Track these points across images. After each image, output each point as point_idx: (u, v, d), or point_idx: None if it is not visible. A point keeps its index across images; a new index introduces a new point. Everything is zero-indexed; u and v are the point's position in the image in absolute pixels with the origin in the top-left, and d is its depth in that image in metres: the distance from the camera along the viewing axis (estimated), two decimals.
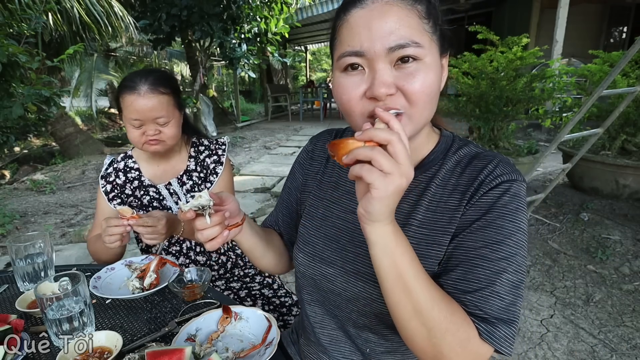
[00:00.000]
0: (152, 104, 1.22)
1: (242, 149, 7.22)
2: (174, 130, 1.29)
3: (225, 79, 17.57)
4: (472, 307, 0.60)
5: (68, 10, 5.07)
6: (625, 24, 8.36)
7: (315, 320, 0.84)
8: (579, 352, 1.89)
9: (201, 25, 6.34)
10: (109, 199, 1.37)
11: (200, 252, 1.43)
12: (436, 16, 0.62)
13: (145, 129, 1.24)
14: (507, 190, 0.63)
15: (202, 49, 7.68)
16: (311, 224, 0.83)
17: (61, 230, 3.68)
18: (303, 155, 0.93)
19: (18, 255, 1.07)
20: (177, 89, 1.31)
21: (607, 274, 2.52)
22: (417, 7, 0.60)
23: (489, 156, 0.68)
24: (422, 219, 0.69)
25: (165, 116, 1.25)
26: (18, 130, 3.40)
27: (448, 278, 0.63)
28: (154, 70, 1.27)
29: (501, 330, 0.59)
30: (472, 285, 0.61)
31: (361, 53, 0.59)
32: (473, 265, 0.62)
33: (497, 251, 0.61)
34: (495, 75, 3.62)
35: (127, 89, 1.22)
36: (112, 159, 1.43)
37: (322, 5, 8.81)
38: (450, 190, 0.68)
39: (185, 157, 1.43)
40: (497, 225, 0.62)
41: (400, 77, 0.59)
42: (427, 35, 0.60)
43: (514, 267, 0.61)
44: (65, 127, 7.40)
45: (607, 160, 3.48)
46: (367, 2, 0.59)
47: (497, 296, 0.60)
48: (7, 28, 3.04)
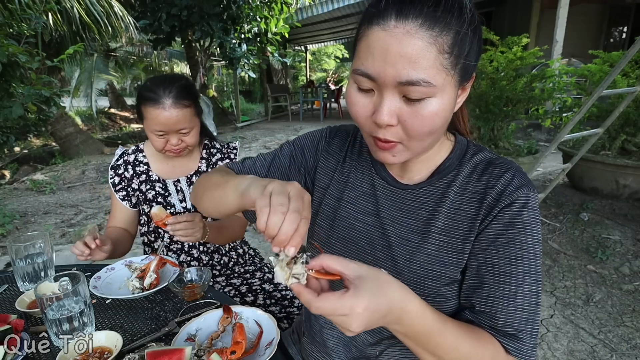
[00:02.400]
0: (176, 117, 1.23)
1: (242, 149, 7.22)
2: (195, 138, 1.33)
3: (225, 79, 17.57)
4: (502, 325, 0.64)
5: (68, 10, 5.07)
6: (625, 24, 8.35)
7: (325, 322, 0.83)
8: (579, 352, 1.89)
9: (201, 25, 6.34)
10: (115, 191, 1.39)
11: (204, 251, 1.44)
12: (462, 48, 0.57)
13: (168, 138, 1.27)
14: (526, 204, 0.65)
15: (202, 49, 7.68)
16: (328, 225, 0.82)
17: (61, 230, 3.68)
18: (321, 142, 0.88)
19: (18, 255, 1.07)
20: (197, 97, 1.33)
21: (607, 274, 2.52)
22: (441, 39, 0.55)
23: (505, 164, 0.69)
24: (442, 226, 0.70)
25: (189, 127, 1.28)
26: (18, 130, 3.40)
27: (478, 296, 0.66)
28: (174, 79, 1.27)
29: (527, 343, 0.63)
30: (500, 302, 0.64)
31: (373, 77, 0.58)
32: (499, 282, 0.65)
33: (519, 266, 0.64)
34: (495, 75, 3.62)
35: (151, 101, 1.22)
36: (124, 151, 1.44)
37: (322, 5, 8.79)
38: (469, 198, 0.69)
39: (197, 157, 1.44)
40: (519, 241, 0.64)
41: (405, 111, 0.59)
42: (443, 73, 0.57)
43: (534, 277, 0.64)
44: (65, 127, 7.41)
45: (607, 160, 3.48)
46: (389, 24, 0.55)
47: (521, 309, 0.64)
48: (7, 28, 3.04)
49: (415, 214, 0.73)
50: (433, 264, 0.69)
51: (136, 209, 1.43)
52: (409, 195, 0.74)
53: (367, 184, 0.79)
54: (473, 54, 0.60)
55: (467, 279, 0.68)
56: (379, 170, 0.78)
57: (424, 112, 0.58)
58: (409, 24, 0.54)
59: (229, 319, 0.91)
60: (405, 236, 0.72)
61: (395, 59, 0.55)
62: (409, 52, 0.55)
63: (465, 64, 0.59)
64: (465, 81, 0.63)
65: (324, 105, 10.90)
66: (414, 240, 0.71)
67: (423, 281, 0.69)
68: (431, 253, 0.70)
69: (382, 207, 0.76)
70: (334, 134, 0.88)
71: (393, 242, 0.73)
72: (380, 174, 0.78)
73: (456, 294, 0.70)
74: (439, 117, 0.59)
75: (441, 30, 0.55)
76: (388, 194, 0.76)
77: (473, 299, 0.67)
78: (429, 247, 0.70)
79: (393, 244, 0.73)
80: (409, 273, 0.70)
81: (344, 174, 0.83)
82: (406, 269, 0.71)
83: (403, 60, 0.55)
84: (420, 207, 0.73)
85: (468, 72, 0.62)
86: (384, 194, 0.77)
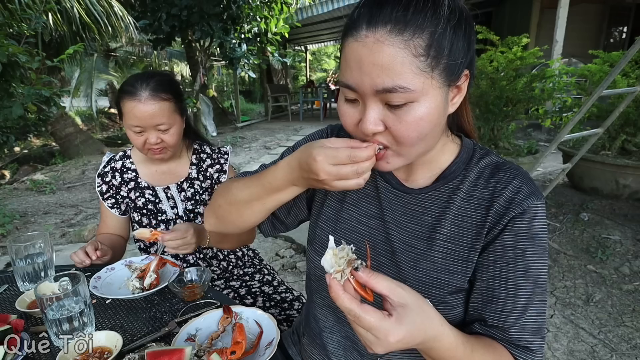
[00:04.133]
0: (152, 110, 1.18)
1: (242, 149, 7.22)
2: (176, 137, 1.27)
3: (225, 79, 17.56)
4: (515, 338, 0.65)
5: (68, 10, 5.06)
6: (625, 24, 8.35)
7: (325, 325, 0.83)
8: (579, 352, 1.89)
9: (201, 25, 6.33)
10: (104, 199, 1.37)
11: (200, 257, 1.42)
12: (440, 47, 0.55)
13: (147, 135, 1.22)
14: (535, 214, 0.65)
15: (202, 49, 7.67)
16: (330, 227, 0.80)
17: (61, 230, 3.68)
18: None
19: (18, 255, 1.07)
20: (179, 93, 1.28)
21: (607, 274, 2.52)
22: (413, 42, 0.53)
23: (512, 169, 0.68)
24: (448, 233, 0.68)
25: (167, 123, 1.22)
26: (18, 130, 3.41)
27: (491, 310, 0.66)
28: (155, 74, 1.24)
29: (537, 353, 0.65)
30: (512, 316, 0.65)
31: (353, 88, 0.59)
32: (511, 295, 0.65)
33: (529, 277, 0.65)
34: (495, 75, 3.62)
35: (127, 94, 1.19)
36: (111, 157, 1.40)
37: (322, 5, 8.80)
38: (475, 205, 0.68)
39: (186, 162, 1.40)
40: (529, 253, 0.64)
41: (390, 117, 0.59)
42: (421, 76, 0.55)
43: (542, 287, 0.65)
44: (65, 127, 7.41)
45: (607, 160, 3.48)
46: (360, 35, 0.56)
47: (531, 319, 0.65)
48: (7, 28, 3.04)
49: (419, 220, 0.71)
50: (438, 272, 0.68)
51: (126, 216, 1.40)
52: (413, 199, 0.72)
53: (371, 186, 0.78)
54: (457, 51, 0.57)
55: (477, 291, 0.68)
56: (383, 172, 0.76)
57: (407, 118, 0.57)
58: (379, 31, 0.54)
59: (229, 319, 0.91)
60: (409, 242, 0.71)
61: (369, 69, 0.55)
62: (381, 60, 0.54)
63: (448, 63, 0.57)
64: (454, 81, 0.60)
65: (324, 105, 10.91)
66: (419, 247, 0.70)
67: (428, 289, 0.68)
68: (436, 261, 0.68)
69: (386, 210, 0.74)
70: (335, 133, 0.86)
71: (397, 248, 0.71)
72: (385, 176, 0.76)
73: (462, 302, 0.69)
74: (425, 121, 0.58)
75: (413, 33, 0.53)
76: (392, 197, 0.75)
77: (485, 313, 0.66)
78: (434, 254, 0.68)
79: (397, 250, 0.71)
80: (413, 280, 0.69)
81: None
82: (411, 277, 0.69)
83: (376, 68, 0.55)
84: (425, 213, 0.71)
85: (455, 71, 0.59)
86: (388, 197, 0.75)
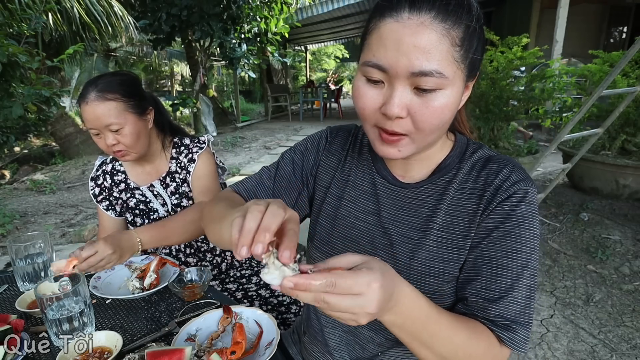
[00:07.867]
0: (99, 111, 1.16)
1: (242, 149, 7.22)
2: (131, 137, 1.21)
3: (225, 79, 17.55)
4: (494, 315, 0.64)
5: (68, 10, 5.06)
6: (625, 24, 8.35)
7: (327, 321, 0.84)
8: (579, 352, 1.89)
9: (201, 25, 6.33)
10: (98, 201, 1.38)
11: (190, 253, 1.42)
12: (471, 42, 0.58)
13: (104, 137, 1.20)
14: (523, 198, 0.65)
15: (202, 49, 7.67)
16: (329, 224, 0.82)
17: (61, 230, 3.67)
18: (322, 142, 0.88)
19: (18, 255, 1.07)
20: (130, 92, 1.22)
21: (607, 274, 2.52)
22: (453, 32, 0.56)
23: (503, 160, 0.71)
24: (442, 222, 0.70)
25: (116, 123, 1.18)
26: (18, 130, 3.40)
27: (472, 288, 0.66)
28: (107, 74, 1.22)
29: (520, 334, 0.63)
30: (494, 294, 0.64)
31: (384, 68, 0.58)
32: (495, 275, 0.65)
33: (515, 259, 0.64)
34: (495, 75, 3.62)
35: (80, 97, 1.19)
36: (103, 161, 1.42)
37: (322, 5, 8.79)
38: (468, 195, 0.70)
39: (166, 158, 1.39)
40: (515, 235, 0.65)
41: (415, 102, 0.59)
42: (454, 65, 0.58)
43: (530, 271, 0.65)
44: (65, 127, 7.41)
45: (607, 160, 3.48)
46: (402, 16, 0.56)
47: (516, 302, 0.64)
48: (7, 28, 3.03)
49: (416, 212, 0.73)
50: (434, 261, 0.69)
51: (122, 217, 1.41)
52: (410, 193, 0.75)
53: (368, 183, 0.80)
54: (480, 49, 0.61)
55: (463, 272, 0.69)
56: (380, 169, 0.79)
57: (434, 104, 0.59)
58: (423, 15, 0.55)
59: (229, 319, 0.91)
60: (406, 234, 0.73)
61: (408, 50, 0.56)
62: (423, 43, 0.55)
63: (473, 58, 0.60)
64: (471, 77, 0.64)
65: (324, 105, 10.90)
66: (415, 237, 0.72)
67: (425, 278, 0.70)
68: (431, 250, 0.70)
69: (383, 206, 0.76)
70: (335, 134, 0.88)
71: (395, 241, 0.73)
72: (381, 173, 0.78)
73: (454, 290, 0.71)
74: (448, 109, 0.60)
75: (453, 23, 0.56)
76: (389, 193, 0.77)
77: (466, 291, 0.67)
78: (429, 243, 0.70)
79: (395, 242, 0.73)
80: (410, 271, 0.71)
81: (345, 173, 0.83)
82: (408, 267, 0.71)
83: (417, 50, 0.55)
84: (421, 205, 0.73)
85: (475, 68, 0.63)
86: (385, 193, 0.77)
